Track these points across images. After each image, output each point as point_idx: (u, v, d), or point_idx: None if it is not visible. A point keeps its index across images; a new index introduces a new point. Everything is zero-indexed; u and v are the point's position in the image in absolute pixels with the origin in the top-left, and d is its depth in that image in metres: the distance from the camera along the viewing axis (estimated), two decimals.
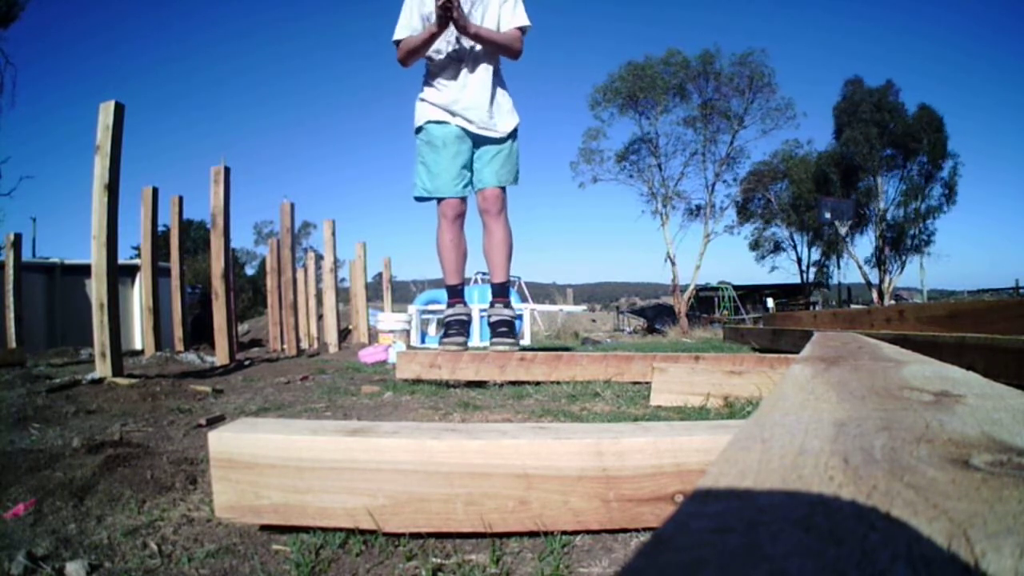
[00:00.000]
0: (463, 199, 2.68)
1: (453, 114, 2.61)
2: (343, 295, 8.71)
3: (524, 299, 12.30)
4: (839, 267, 23.75)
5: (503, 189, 2.71)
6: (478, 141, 2.67)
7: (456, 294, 2.77)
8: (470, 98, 2.59)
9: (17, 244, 6.32)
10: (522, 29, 2.59)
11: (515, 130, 2.72)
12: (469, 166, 2.66)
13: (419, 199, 2.69)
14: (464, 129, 2.62)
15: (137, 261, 6.28)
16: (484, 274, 12.15)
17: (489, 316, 2.76)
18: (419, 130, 2.68)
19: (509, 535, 0.79)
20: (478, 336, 6.29)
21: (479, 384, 2.34)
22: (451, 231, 2.67)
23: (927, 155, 20.60)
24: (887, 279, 21.80)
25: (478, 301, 6.99)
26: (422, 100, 2.68)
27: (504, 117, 2.67)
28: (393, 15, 2.69)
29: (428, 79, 2.67)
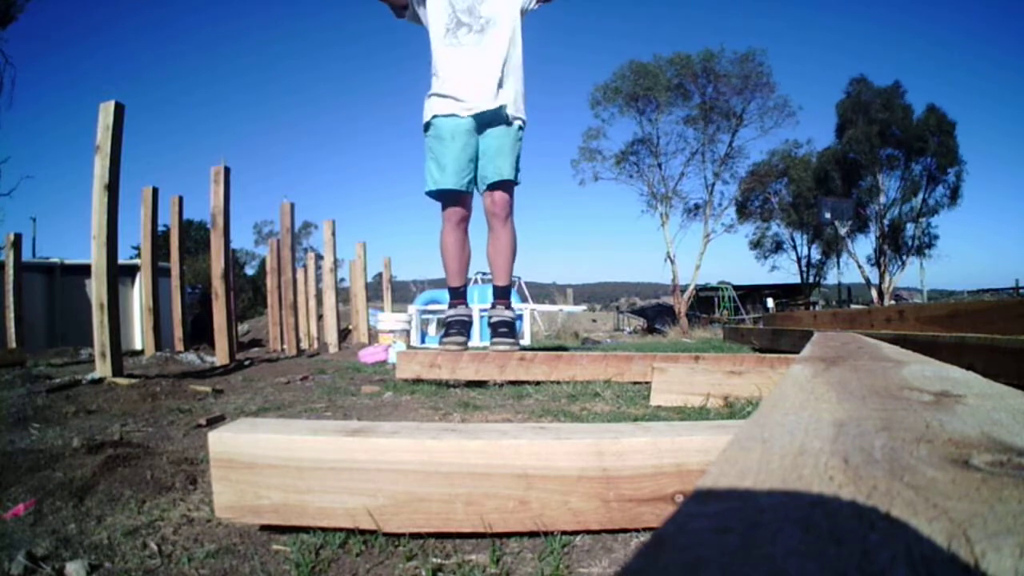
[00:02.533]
0: (468, 201, 2.68)
1: (459, 99, 2.58)
2: (343, 295, 8.70)
3: (524, 299, 12.28)
4: (839, 267, 23.76)
5: (511, 193, 2.68)
6: (482, 125, 2.63)
7: (458, 296, 2.76)
8: (476, 82, 2.57)
9: (17, 244, 6.32)
10: None
11: (522, 122, 2.70)
12: (475, 159, 2.65)
13: (430, 193, 2.67)
14: (472, 119, 2.59)
15: (137, 261, 6.28)
16: (484, 274, 12.15)
17: (490, 317, 2.76)
18: (427, 127, 2.68)
19: (509, 535, 0.79)
20: (478, 337, 6.29)
21: (479, 384, 2.34)
22: (455, 234, 2.67)
23: (932, 157, 20.56)
24: (887, 279, 21.79)
25: (478, 301, 6.99)
26: (429, 96, 2.67)
27: (512, 98, 2.63)
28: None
29: (436, 73, 2.66)
